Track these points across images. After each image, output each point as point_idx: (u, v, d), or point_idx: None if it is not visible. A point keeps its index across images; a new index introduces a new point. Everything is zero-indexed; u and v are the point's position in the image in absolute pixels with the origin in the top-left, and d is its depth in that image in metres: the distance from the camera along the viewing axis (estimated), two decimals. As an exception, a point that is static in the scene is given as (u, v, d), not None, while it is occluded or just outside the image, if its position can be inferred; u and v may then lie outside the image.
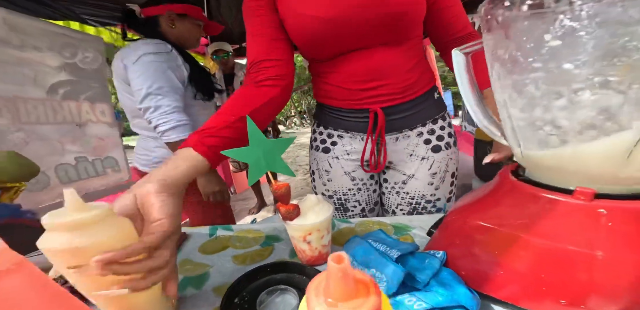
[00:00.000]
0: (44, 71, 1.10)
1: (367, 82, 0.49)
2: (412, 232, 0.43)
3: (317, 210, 0.34)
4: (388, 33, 0.45)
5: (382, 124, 0.50)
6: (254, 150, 0.30)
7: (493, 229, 0.24)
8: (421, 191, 0.55)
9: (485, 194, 0.29)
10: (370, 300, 0.13)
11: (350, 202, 0.59)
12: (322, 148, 0.59)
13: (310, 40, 0.47)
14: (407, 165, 0.55)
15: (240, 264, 0.37)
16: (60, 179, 1.13)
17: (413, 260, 0.29)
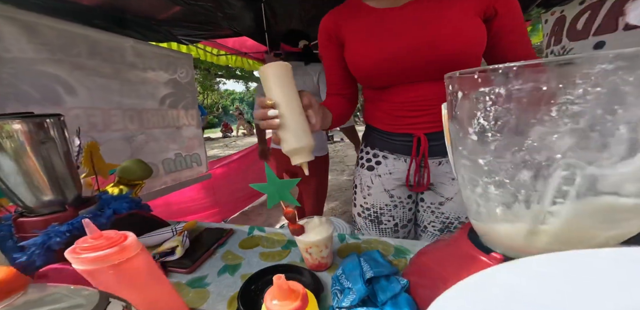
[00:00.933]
0: (156, 87, 1.47)
1: (412, 111, 0.55)
2: (409, 256, 0.48)
3: (318, 231, 0.43)
4: (437, 72, 0.49)
5: (425, 148, 0.55)
6: (270, 186, 0.41)
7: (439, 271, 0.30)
8: (457, 213, 0.59)
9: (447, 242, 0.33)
10: (295, 303, 0.23)
11: (385, 216, 0.66)
12: (367, 166, 0.66)
13: (364, 75, 0.56)
14: (447, 189, 0.59)
15: (264, 260, 0.50)
16: (165, 170, 1.52)
17: (383, 282, 0.36)
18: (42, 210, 0.46)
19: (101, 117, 1.23)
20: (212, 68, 6.99)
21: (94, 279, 0.28)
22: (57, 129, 0.47)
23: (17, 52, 1.00)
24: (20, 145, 0.43)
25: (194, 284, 0.44)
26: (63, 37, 1.12)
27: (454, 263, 0.28)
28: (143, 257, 0.31)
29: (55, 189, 0.47)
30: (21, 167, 0.43)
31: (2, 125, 0.41)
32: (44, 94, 1.05)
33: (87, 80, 1.18)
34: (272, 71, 0.39)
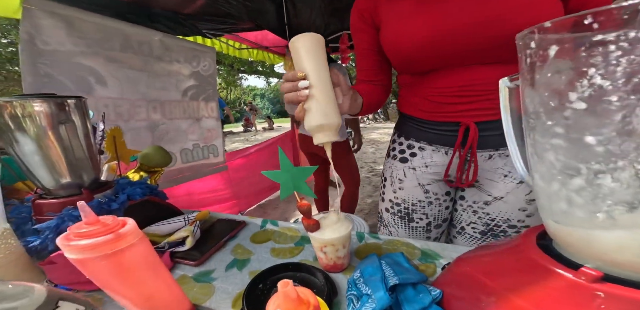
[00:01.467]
0: (180, 79, 1.51)
1: (462, 97, 0.47)
2: (439, 262, 0.42)
3: (335, 228, 0.38)
4: (501, 54, 0.42)
5: (474, 139, 0.47)
6: (283, 174, 0.37)
7: (487, 284, 0.23)
8: (507, 215, 0.51)
9: (502, 249, 0.27)
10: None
11: (417, 214, 0.59)
12: (399, 158, 0.60)
13: (404, 59, 0.49)
14: (496, 187, 0.51)
15: (275, 256, 0.46)
16: (182, 159, 1.57)
17: (410, 291, 0.31)
18: (59, 192, 0.46)
19: (127, 107, 1.28)
20: (235, 64, 7.19)
21: (85, 269, 0.25)
22: (78, 111, 0.47)
23: (55, 44, 1.05)
24: (40, 125, 0.42)
25: (200, 278, 0.42)
26: (100, 31, 1.17)
27: (513, 276, 0.22)
28: (141, 247, 0.28)
29: (73, 172, 0.47)
30: (40, 147, 0.43)
31: (23, 104, 0.41)
32: (77, 84, 1.11)
33: (118, 72, 1.23)
34: (304, 43, 0.35)
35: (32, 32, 0.99)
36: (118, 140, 0.64)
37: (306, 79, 0.35)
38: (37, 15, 1.00)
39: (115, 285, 0.26)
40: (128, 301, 0.28)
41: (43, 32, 1.02)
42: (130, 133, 1.29)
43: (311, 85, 0.34)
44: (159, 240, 0.49)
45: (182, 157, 1.58)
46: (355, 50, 0.59)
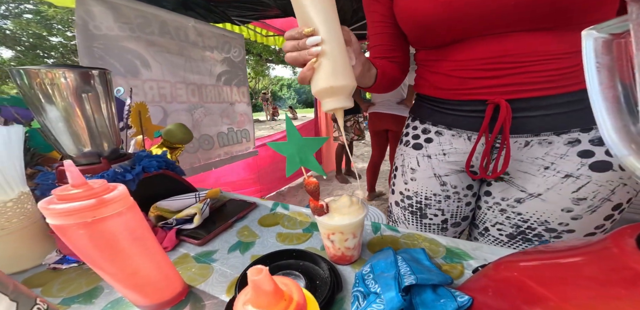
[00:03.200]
0: (214, 64, 1.57)
1: (489, 70, 0.38)
2: (468, 263, 0.35)
3: (346, 213, 0.33)
4: (541, 20, 0.33)
5: (506, 120, 0.38)
6: (290, 145, 0.33)
7: (544, 296, 0.17)
8: (545, 216, 0.41)
9: (573, 253, 0.19)
10: None
11: (430, 209, 0.51)
12: (412, 144, 0.52)
13: (422, 28, 0.41)
14: (533, 181, 0.42)
15: (281, 241, 0.43)
16: (219, 143, 1.64)
17: (429, 294, 0.25)
18: (81, 160, 0.48)
19: (169, 89, 1.36)
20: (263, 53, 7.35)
21: (65, 237, 0.23)
22: (102, 82, 0.48)
23: (105, 29, 1.14)
24: (65, 94, 0.44)
25: (200, 258, 0.40)
26: (140, 16, 1.24)
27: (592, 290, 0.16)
28: (128, 217, 0.26)
29: (94, 141, 0.48)
30: (64, 115, 0.44)
31: (49, 72, 0.42)
32: (126, 67, 1.20)
33: (158, 56, 1.30)
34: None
35: (86, 18, 1.07)
36: (143, 115, 0.65)
37: (314, 34, 0.29)
38: (88, 3, 1.08)
39: (96, 258, 0.25)
40: (109, 276, 0.26)
41: (95, 18, 1.10)
42: (173, 115, 1.37)
43: (322, 40, 0.29)
44: (169, 215, 0.49)
45: (218, 141, 1.65)
46: (368, 27, 0.51)
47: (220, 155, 1.64)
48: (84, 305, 0.32)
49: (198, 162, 1.50)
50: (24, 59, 6.57)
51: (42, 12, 5.93)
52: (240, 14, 1.77)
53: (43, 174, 0.47)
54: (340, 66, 0.30)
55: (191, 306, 0.31)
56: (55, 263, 0.39)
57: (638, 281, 0.14)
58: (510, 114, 0.38)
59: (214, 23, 1.67)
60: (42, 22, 6.31)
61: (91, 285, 0.35)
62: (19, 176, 0.36)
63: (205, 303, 0.32)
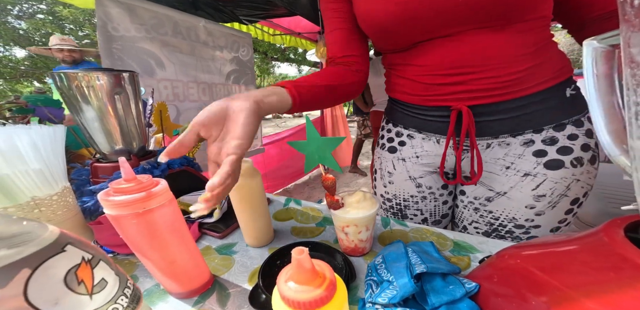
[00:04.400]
0: (223, 64, 1.60)
1: (450, 76, 0.40)
2: (474, 255, 0.37)
3: (359, 207, 0.36)
4: (492, 16, 0.35)
5: (468, 125, 0.41)
6: (309, 144, 0.35)
7: (543, 279, 0.19)
8: (512, 213, 0.44)
9: (570, 242, 0.22)
10: (318, 290, 0.16)
11: (410, 210, 0.54)
12: (388, 147, 0.54)
13: (381, 28, 0.42)
14: (498, 180, 0.44)
15: (295, 235, 0.46)
16: None
17: (438, 282, 0.27)
18: (113, 157, 0.52)
19: (182, 88, 1.40)
20: (268, 51, 7.37)
21: (119, 227, 0.27)
22: (131, 84, 0.51)
23: (123, 31, 1.18)
24: (100, 95, 0.47)
25: (222, 250, 0.44)
26: (154, 17, 1.27)
27: (586, 274, 0.18)
28: (170, 210, 0.29)
29: (125, 139, 0.51)
30: (99, 115, 0.48)
31: (87, 76, 0.46)
32: (142, 67, 1.24)
33: (172, 56, 1.34)
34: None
35: (105, 20, 1.11)
36: (164, 114, 0.69)
37: None
38: (106, 4, 1.12)
39: (143, 246, 0.28)
40: (152, 264, 0.29)
41: (113, 20, 1.14)
42: (186, 113, 1.41)
43: None
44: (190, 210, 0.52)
45: None
46: (324, 25, 0.49)
47: None
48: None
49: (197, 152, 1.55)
50: (37, 58, 6.74)
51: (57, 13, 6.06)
52: (247, 13, 1.81)
53: (77, 170, 0.51)
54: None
55: (217, 294, 0.34)
56: (92, 251, 0.43)
57: (624, 265, 0.16)
58: (473, 119, 0.40)
59: (223, 22, 1.71)
60: (55, 22, 6.45)
61: (127, 274, 0.39)
62: (62, 172, 0.40)
63: (230, 291, 0.35)
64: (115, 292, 0.15)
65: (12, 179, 0.34)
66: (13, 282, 0.11)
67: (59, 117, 0.61)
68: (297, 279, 0.17)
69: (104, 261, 0.15)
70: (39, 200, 0.37)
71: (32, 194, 0.36)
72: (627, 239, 0.17)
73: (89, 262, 0.14)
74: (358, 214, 0.35)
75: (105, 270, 0.15)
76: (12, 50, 7.02)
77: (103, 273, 0.14)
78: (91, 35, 6.43)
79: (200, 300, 0.33)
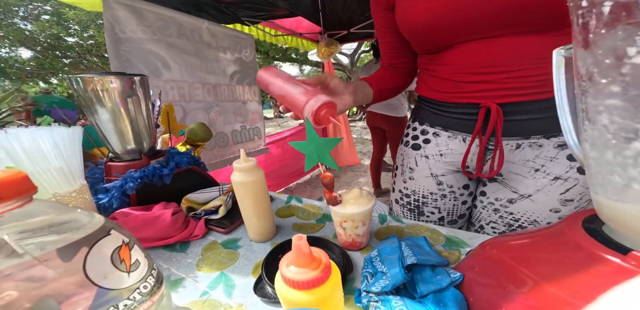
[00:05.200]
0: (227, 64, 1.63)
1: (481, 75, 0.40)
2: (464, 250, 0.39)
3: (356, 203, 0.39)
4: (534, 22, 0.35)
5: (497, 123, 0.40)
6: (309, 144, 0.38)
7: (514, 268, 0.22)
8: (534, 216, 0.44)
9: (539, 233, 0.24)
10: (315, 272, 0.19)
11: (427, 207, 0.55)
12: (412, 144, 0.55)
13: (419, 34, 0.45)
14: (524, 183, 0.44)
15: (297, 230, 0.48)
16: (233, 140, 1.71)
17: (428, 272, 0.30)
18: (125, 156, 0.55)
19: (187, 89, 1.43)
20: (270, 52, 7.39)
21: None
22: (142, 87, 0.54)
23: (129, 33, 1.21)
24: (114, 97, 0.50)
25: (227, 244, 0.46)
26: (160, 19, 1.30)
27: (550, 263, 0.20)
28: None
29: (136, 139, 0.54)
30: (113, 117, 0.51)
31: (102, 80, 0.48)
32: (149, 68, 1.27)
33: (177, 57, 1.37)
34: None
35: (112, 22, 1.14)
36: (170, 115, 0.72)
37: None
38: (113, 7, 1.15)
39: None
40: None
41: (120, 22, 1.17)
42: (191, 113, 1.44)
43: None
44: (197, 207, 0.55)
45: (232, 138, 1.72)
46: (377, 35, 0.57)
47: (234, 152, 1.70)
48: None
49: (215, 159, 1.57)
50: (43, 59, 6.83)
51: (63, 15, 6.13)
52: (249, 15, 1.83)
53: (91, 169, 0.54)
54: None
55: (224, 285, 0.37)
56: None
57: (579, 251, 0.18)
58: (502, 117, 0.40)
59: (225, 24, 1.73)
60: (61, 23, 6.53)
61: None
62: (80, 170, 0.43)
63: (235, 282, 0.37)
64: (146, 272, 0.17)
65: (36, 176, 0.37)
66: (76, 257, 0.14)
67: (72, 118, 0.64)
68: (296, 263, 0.19)
69: (137, 245, 0.18)
70: (59, 196, 0.40)
71: (54, 191, 0.39)
72: (584, 229, 0.19)
73: (127, 245, 0.17)
74: (355, 210, 0.38)
75: (138, 253, 0.17)
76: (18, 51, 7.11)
77: (137, 255, 0.17)
78: (96, 37, 6.49)
79: (208, 290, 0.36)
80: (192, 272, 0.40)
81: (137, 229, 0.44)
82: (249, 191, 0.42)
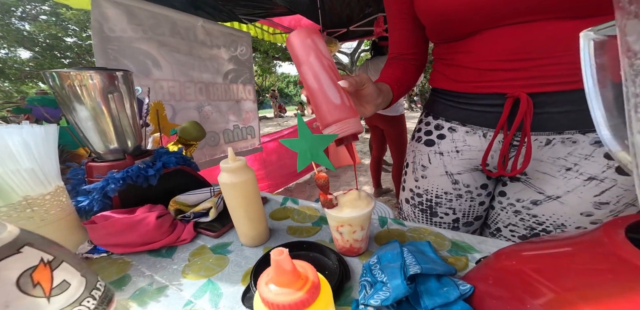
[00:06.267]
0: (221, 63, 1.59)
1: (510, 62, 0.36)
2: (472, 255, 0.36)
3: (354, 206, 0.35)
4: (575, 7, 0.31)
5: (525, 116, 0.36)
6: (301, 142, 0.35)
7: (538, 281, 0.18)
8: (562, 219, 0.40)
9: (567, 242, 0.21)
10: (299, 293, 0.16)
11: (441, 208, 0.51)
12: (425, 140, 0.51)
13: (442, 19, 0.39)
14: (553, 183, 0.39)
15: (292, 234, 0.45)
16: (224, 139, 1.68)
17: (433, 283, 0.27)
18: (108, 156, 0.51)
19: (179, 88, 1.40)
20: (270, 50, 7.37)
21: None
22: (125, 83, 0.51)
23: (119, 31, 1.17)
24: (93, 94, 0.47)
25: (217, 249, 0.43)
26: (152, 17, 1.27)
27: (583, 276, 0.17)
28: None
29: (119, 138, 0.51)
30: (93, 114, 0.48)
31: (80, 75, 0.45)
32: (138, 67, 1.24)
33: (169, 56, 1.34)
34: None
35: (101, 21, 1.11)
36: (160, 113, 0.68)
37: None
38: (103, 5, 1.12)
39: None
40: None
41: (109, 21, 1.14)
42: (182, 112, 1.41)
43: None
44: (186, 209, 0.52)
45: (224, 138, 1.69)
46: (388, 22, 0.52)
47: (225, 152, 1.68)
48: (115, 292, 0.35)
49: (204, 158, 1.54)
50: (42, 59, 6.82)
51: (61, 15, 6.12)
52: (247, 12, 1.80)
53: (73, 170, 0.51)
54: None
55: (210, 294, 0.34)
56: (87, 253, 0.43)
57: (623, 267, 0.15)
58: (532, 109, 0.36)
59: (222, 22, 1.70)
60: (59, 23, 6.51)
61: (120, 273, 0.38)
62: (55, 171, 0.40)
63: (223, 291, 0.34)
64: (81, 293, 0.14)
65: (4, 178, 0.34)
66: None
67: (55, 117, 0.61)
68: (277, 281, 0.16)
69: (68, 262, 0.14)
70: (31, 199, 0.36)
71: (25, 194, 0.36)
72: (628, 239, 0.16)
73: (48, 264, 0.13)
74: (352, 213, 0.34)
75: (69, 271, 0.14)
76: (17, 51, 7.10)
77: (65, 275, 0.14)
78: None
79: (192, 300, 0.33)
80: (177, 280, 0.37)
81: (118, 233, 0.41)
82: (239, 193, 0.39)
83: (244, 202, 0.40)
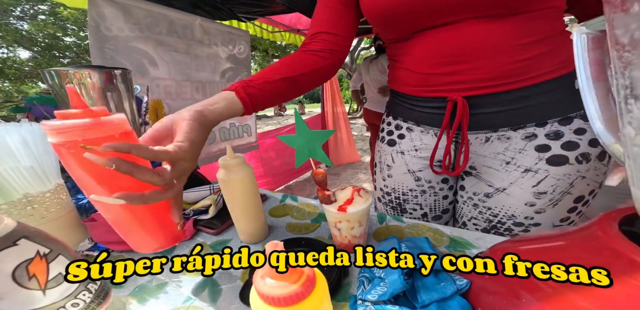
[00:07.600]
0: (219, 62, 1.59)
1: (445, 66, 0.39)
2: (470, 251, 0.36)
3: (352, 202, 0.35)
4: (492, 5, 0.33)
5: (463, 117, 0.39)
6: (299, 138, 0.35)
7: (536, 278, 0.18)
8: (511, 211, 0.42)
9: (563, 236, 0.21)
10: (295, 285, 0.16)
11: (409, 204, 0.53)
12: (387, 140, 0.53)
13: (383, 14, 0.40)
14: (497, 176, 0.43)
15: (291, 231, 0.45)
16: (221, 137, 1.68)
17: (430, 278, 0.27)
18: (107, 154, 0.51)
19: (175, 87, 1.40)
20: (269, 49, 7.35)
21: (61, 157, 0.21)
22: (123, 81, 0.51)
23: (116, 30, 1.17)
24: (91, 92, 0.47)
25: (216, 246, 0.43)
26: (149, 16, 1.26)
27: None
28: (129, 139, 0.24)
29: (117, 137, 0.51)
30: (90, 112, 0.48)
31: (78, 73, 0.45)
32: (135, 66, 1.23)
33: (165, 55, 1.33)
34: None
35: (97, 20, 1.11)
36: (160, 112, 0.68)
37: None
38: (100, 4, 1.11)
39: (87, 182, 0.22)
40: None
41: (106, 20, 1.13)
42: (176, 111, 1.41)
43: None
44: (186, 206, 0.52)
45: (220, 136, 1.69)
46: (318, 7, 0.46)
47: (221, 149, 1.68)
48: (114, 288, 0.35)
49: (199, 155, 1.55)
50: (41, 59, 6.81)
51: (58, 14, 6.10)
52: (246, 11, 1.79)
53: (72, 168, 0.51)
54: None
55: (209, 290, 0.34)
56: (88, 250, 0.43)
57: (617, 260, 0.15)
58: (468, 111, 0.39)
59: (221, 20, 1.69)
60: (57, 23, 6.50)
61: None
62: (55, 169, 0.40)
63: (222, 287, 0.34)
64: (76, 287, 0.14)
65: (3, 175, 0.34)
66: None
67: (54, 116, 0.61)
68: (272, 275, 0.16)
69: (65, 256, 0.15)
70: (31, 197, 0.37)
71: (24, 191, 0.36)
72: (621, 233, 0.16)
73: (44, 257, 0.13)
74: (350, 209, 0.35)
75: (65, 264, 0.14)
76: (16, 51, 7.09)
77: (61, 268, 0.14)
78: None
79: (192, 296, 0.33)
80: (176, 276, 0.37)
81: (118, 231, 0.41)
82: (237, 189, 0.39)
83: (243, 198, 0.40)
